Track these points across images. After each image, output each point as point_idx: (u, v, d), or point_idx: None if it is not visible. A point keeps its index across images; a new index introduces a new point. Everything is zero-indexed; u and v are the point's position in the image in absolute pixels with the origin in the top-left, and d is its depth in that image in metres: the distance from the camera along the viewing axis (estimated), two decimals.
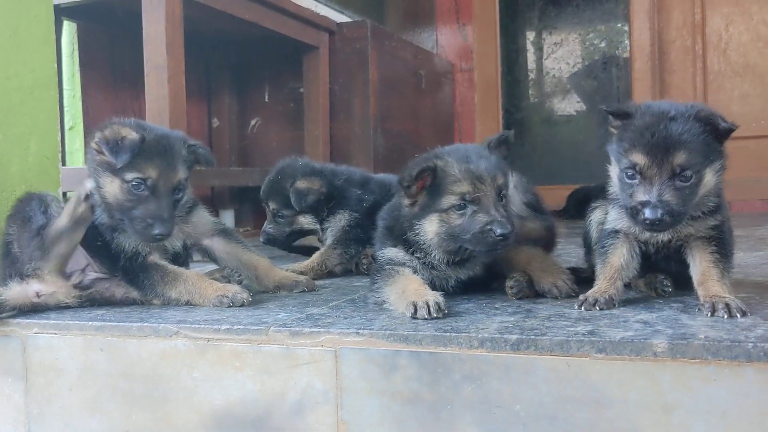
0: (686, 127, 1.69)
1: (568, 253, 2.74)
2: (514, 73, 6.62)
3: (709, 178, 1.73)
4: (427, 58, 5.80)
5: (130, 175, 1.97)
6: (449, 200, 1.88)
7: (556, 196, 4.88)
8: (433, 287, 1.91)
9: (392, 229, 2.05)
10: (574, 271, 2.08)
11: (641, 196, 1.69)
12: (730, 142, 5.43)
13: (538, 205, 2.28)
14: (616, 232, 1.85)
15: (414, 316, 1.68)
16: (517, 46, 6.63)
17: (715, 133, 1.71)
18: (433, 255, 1.96)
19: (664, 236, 1.80)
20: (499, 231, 1.81)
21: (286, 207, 2.72)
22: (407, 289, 1.80)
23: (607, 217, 1.91)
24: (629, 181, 1.73)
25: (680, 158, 1.67)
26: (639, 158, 1.70)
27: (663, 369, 1.39)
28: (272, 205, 2.77)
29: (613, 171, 1.83)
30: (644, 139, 1.69)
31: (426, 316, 1.67)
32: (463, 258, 1.97)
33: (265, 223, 2.83)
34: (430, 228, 1.92)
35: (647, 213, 1.66)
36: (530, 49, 6.63)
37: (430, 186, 1.91)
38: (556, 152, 6.37)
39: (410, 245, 1.98)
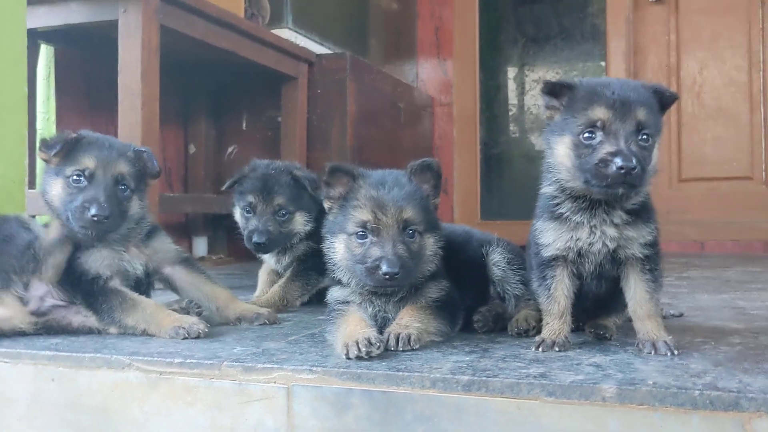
0: (640, 89, 1.72)
1: None
2: (493, 109, 6.69)
3: (656, 152, 1.74)
4: (407, 91, 5.86)
5: (69, 170, 2.06)
6: (352, 226, 1.83)
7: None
8: (382, 323, 1.91)
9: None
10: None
11: (608, 147, 1.65)
12: (703, 183, 5.52)
13: None
14: (555, 259, 1.81)
15: (348, 357, 1.66)
16: (497, 82, 6.71)
17: (660, 104, 1.76)
18: (347, 280, 1.92)
19: (603, 247, 1.76)
20: (384, 268, 1.74)
21: (292, 201, 2.56)
22: (345, 330, 1.77)
23: (540, 238, 1.83)
24: (588, 142, 1.69)
25: (642, 114, 1.67)
26: (601, 113, 1.67)
27: (611, 414, 1.39)
28: (279, 200, 2.54)
29: (560, 146, 1.75)
30: (604, 96, 1.68)
31: (357, 353, 1.64)
32: (373, 291, 1.91)
33: (258, 221, 2.52)
34: (338, 248, 1.88)
35: (619, 161, 1.61)
36: (509, 86, 6.72)
37: (344, 198, 1.88)
38: (533, 188, 6.38)
39: (333, 268, 1.95)
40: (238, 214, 2.63)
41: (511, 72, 6.69)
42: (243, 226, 2.59)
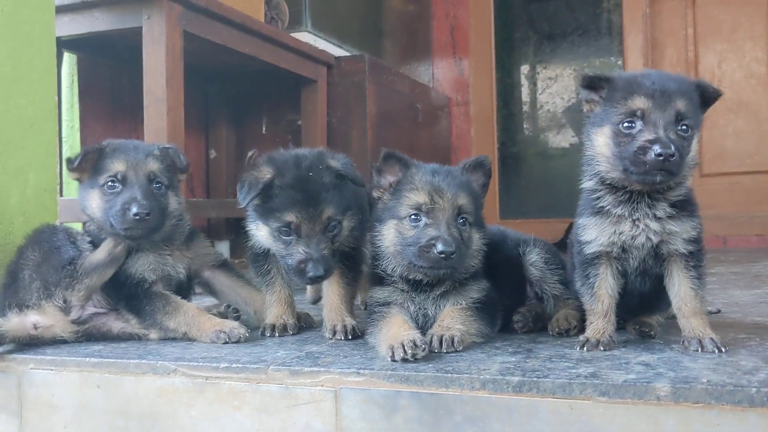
0: (681, 81, 1.75)
1: None
2: (509, 107, 6.68)
3: (694, 144, 1.75)
4: (424, 91, 5.85)
5: (102, 179, 2.08)
6: (406, 209, 1.85)
7: (552, 229, 4.90)
8: (423, 324, 1.91)
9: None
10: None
11: (647, 135, 1.67)
12: (725, 177, 5.46)
13: None
14: (598, 257, 1.81)
15: (393, 359, 1.65)
16: (513, 81, 6.70)
17: (702, 98, 1.77)
18: (392, 269, 1.92)
19: (647, 242, 1.76)
20: (440, 247, 1.75)
21: (341, 207, 1.98)
22: (388, 333, 1.77)
23: (583, 235, 1.83)
24: (628, 131, 1.71)
25: (682, 105, 1.69)
26: (641, 102, 1.69)
27: (666, 413, 1.38)
28: (328, 212, 1.94)
29: (600, 136, 1.78)
30: (644, 86, 1.71)
31: (402, 356, 1.64)
32: (419, 281, 1.91)
33: (308, 248, 1.91)
34: (387, 234, 1.89)
35: (658, 148, 1.63)
36: (525, 84, 6.70)
37: (397, 186, 1.90)
38: (551, 186, 6.40)
39: (377, 260, 1.95)
40: (265, 235, 1.99)
41: (528, 70, 6.68)
42: (280, 252, 1.97)
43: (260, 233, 2.02)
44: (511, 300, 2.10)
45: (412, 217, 1.84)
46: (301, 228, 1.92)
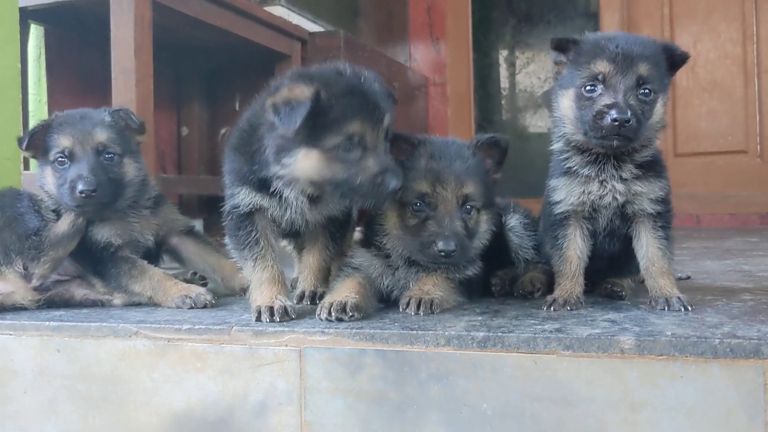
0: (647, 44, 1.73)
1: None
2: (486, 88, 6.66)
3: (659, 107, 1.75)
4: (401, 71, 5.81)
5: (52, 155, 2.04)
6: (408, 196, 1.76)
7: (529, 208, 4.89)
8: (388, 294, 1.89)
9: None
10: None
11: (606, 100, 1.68)
12: (699, 157, 5.46)
13: None
14: (566, 217, 1.81)
15: (320, 317, 1.67)
16: (490, 62, 6.67)
17: (670, 61, 1.76)
18: (389, 249, 1.86)
19: (613, 201, 1.77)
20: (440, 245, 1.68)
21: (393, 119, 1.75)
22: (339, 291, 1.76)
23: (553, 196, 1.84)
24: (589, 95, 1.71)
25: (644, 69, 1.69)
26: (603, 66, 1.69)
27: (630, 366, 1.37)
28: (388, 120, 1.74)
29: (565, 99, 1.78)
30: (607, 50, 1.70)
31: (326, 317, 1.65)
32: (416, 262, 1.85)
33: (378, 158, 1.68)
34: (391, 216, 1.82)
35: (614, 113, 1.64)
36: (503, 65, 6.68)
37: (404, 164, 1.78)
38: (528, 167, 6.38)
39: (376, 235, 1.88)
40: (315, 160, 1.69)
41: (505, 51, 6.65)
42: (340, 175, 1.70)
43: (306, 163, 1.69)
44: (490, 264, 2.08)
45: (415, 206, 1.76)
46: (366, 138, 1.66)
